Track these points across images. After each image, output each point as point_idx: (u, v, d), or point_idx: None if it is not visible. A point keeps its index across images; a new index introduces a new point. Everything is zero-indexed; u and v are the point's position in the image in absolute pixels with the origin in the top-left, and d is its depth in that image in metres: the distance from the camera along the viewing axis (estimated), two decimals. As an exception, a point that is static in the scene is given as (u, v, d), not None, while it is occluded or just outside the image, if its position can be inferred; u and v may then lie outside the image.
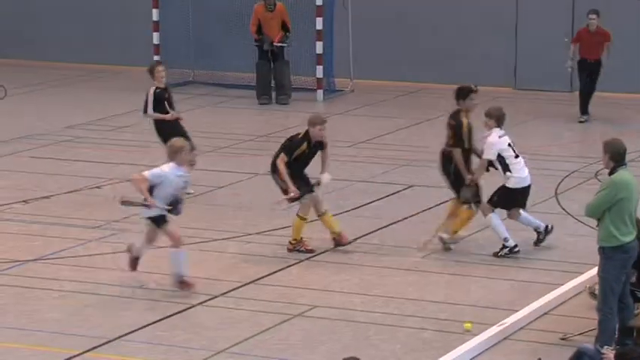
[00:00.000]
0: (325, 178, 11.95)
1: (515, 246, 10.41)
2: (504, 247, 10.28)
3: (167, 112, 14.33)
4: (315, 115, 12.35)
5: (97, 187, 14.48)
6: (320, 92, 18.43)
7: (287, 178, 11.14)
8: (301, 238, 11.38)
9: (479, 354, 8.66)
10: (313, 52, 18.02)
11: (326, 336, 9.10)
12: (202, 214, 12.97)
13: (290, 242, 11.48)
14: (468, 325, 8.98)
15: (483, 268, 11.07)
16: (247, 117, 19.57)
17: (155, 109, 13.87)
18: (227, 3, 19.27)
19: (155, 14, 20.31)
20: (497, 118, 10.51)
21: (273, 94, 18.66)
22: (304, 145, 11.41)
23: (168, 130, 13.25)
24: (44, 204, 14.16)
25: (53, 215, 13.66)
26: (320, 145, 11.65)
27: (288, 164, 11.19)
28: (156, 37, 20.05)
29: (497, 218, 10.43)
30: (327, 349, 8.45)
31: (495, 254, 10.53)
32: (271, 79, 18.64)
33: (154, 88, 13.85)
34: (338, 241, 11.74)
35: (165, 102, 14.46)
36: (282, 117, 18.05)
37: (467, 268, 11.08)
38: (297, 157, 11.52)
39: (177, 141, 10.23)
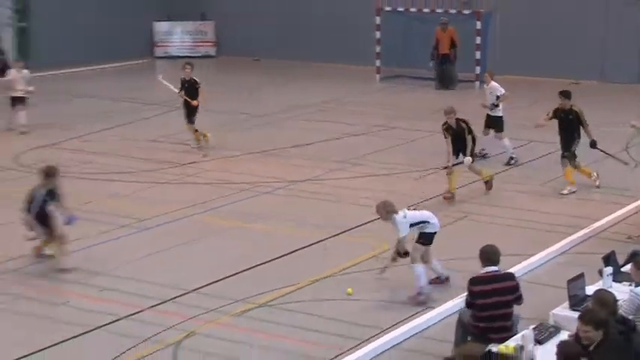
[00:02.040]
0: (466, 160, 13.64)
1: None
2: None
3: None
4: (447, 106, 13.97)
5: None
6: (477, 83, 22.96)
7: (449, 152, 13.48)
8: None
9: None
10: (473, 57, 23.20)
11: None
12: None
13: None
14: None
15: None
16: (432, 96, 23.53)
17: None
18: (424, 27, 23.94)
19: (378, 35, 25.16)
20: None
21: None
22: (445, 129, 13.57)
23: None
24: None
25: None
26: (460, 129, 13.50)
27: (449, 142, 13.47)
28: (377, 48, 25.26)
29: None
30: None
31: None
32: (444, 74, 23.54)
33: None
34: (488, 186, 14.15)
35: None
36: (450, 98, 20.53)
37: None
38: (452, 136, 13.59)
39: None
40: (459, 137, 13.50)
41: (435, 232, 9.75)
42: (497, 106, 15.75)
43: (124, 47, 27.05)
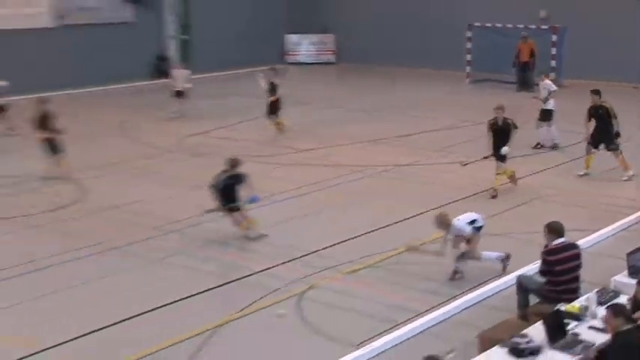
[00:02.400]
0: (504, 150, 12.55)
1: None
2: None
3: None
4: (498, 103, 13.09)
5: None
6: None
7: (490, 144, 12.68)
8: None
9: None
10: (549, 65, 21.76)
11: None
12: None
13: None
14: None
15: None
16: (513, 97, 21.99)
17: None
18: (507, 40, 23.16)
19: (468, 45, 24.79)
20: None
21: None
22: (491, 124, 12.71)
23: None
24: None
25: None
26: (506, 125, 12.60)
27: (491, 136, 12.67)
28: (468, 56, 24.89)
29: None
30: None
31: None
32: (523, 79, 22.86)
33: None
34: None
35: None
36: (528, 98, 18.94)
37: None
38: (494, 131, 12.75)
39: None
40: (503, 132, 12.55)
41: (482, 226, 9.23)
42: (548, 100, 15.54)
43: (262, 54, 27.26)
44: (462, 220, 9.11)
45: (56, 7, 23.23)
